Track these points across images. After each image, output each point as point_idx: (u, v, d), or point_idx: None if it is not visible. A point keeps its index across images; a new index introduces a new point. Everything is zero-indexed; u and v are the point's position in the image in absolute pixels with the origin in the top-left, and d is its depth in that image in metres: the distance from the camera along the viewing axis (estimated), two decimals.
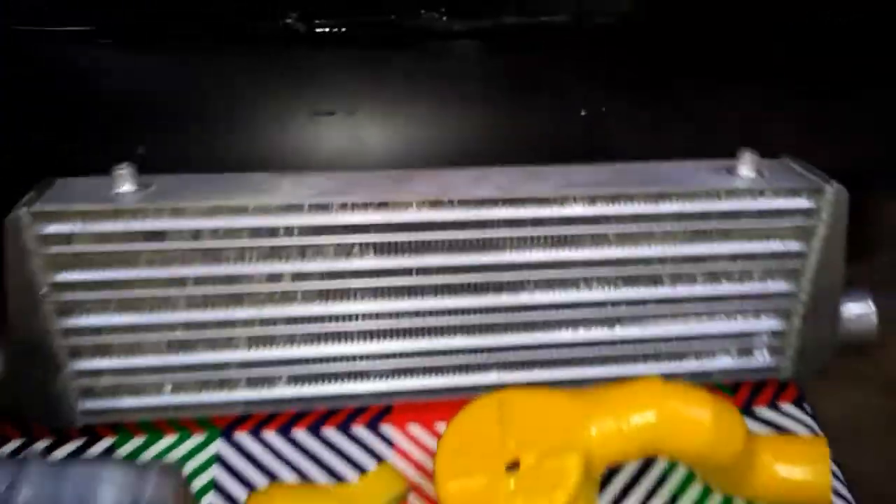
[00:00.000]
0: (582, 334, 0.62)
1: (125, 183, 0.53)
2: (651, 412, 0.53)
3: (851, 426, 0.66)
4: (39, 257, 0.52)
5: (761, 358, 0.64)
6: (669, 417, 0.53)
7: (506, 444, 0.53)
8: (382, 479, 0.55)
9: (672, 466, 0.61)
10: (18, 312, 0.54)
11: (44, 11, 0.61)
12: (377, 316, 0.59)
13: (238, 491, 0.58)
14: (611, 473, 0.61)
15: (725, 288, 0.61)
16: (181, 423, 0.63)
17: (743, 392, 0.67)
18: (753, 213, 0.58)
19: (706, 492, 0.60)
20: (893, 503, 0.61)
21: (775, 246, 0.59)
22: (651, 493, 0.59)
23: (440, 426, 0.63)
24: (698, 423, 0.53)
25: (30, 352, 0.55)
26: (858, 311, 0.64)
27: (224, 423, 0.63)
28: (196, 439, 0.62)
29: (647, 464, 0.61)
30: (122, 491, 0.44)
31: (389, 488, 0.55)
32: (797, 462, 0.57)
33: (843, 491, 0.60)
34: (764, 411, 0.66)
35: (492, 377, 0.62)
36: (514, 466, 0.53)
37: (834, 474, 0.61)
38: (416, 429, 0.63)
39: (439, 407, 0.63)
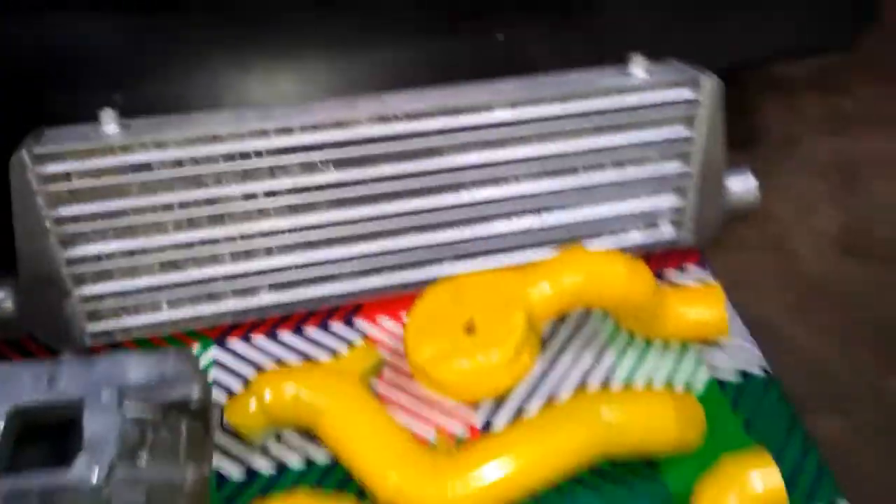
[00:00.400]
0: (515, 224, 0.73)
1: (110, 124, 0.61)
2: (577, 271, 0.65)
3: (744, 279, 0.80)
4: (41, 195, 0.60)
5: (665, 231, 0.77)
6: (592, 274, 0.65)
7: (461, 314, 0.64)
8: (360, 353, 0.66)
9: (604, 322, 0.73)
10: (26, 247, 0.61)
11: None
12: (342, 223, 0.69)
13: (237, 387, 0.68)
14: (553, 330, 0.73)
15: (630, 172, 0.73)
16: (177, 337, 0.72)
17: (653, 261, 0.79)
18: (647, 105, 0.70)
19: (630, 340, 0.72)
20: (783, 336, 0.76)
21: (667, 133, 0.71)
22: (586, 344, 0.72)
23: (405, 316, 0.74)
24: (615, 275, 0.65)
25: (39, 282, 0.63)
26: (741, 184, 0.78)
27: (216, 333, 0.72)
28: (193, 350, 0.71)
29: (585, 318, 0.73)
30: (148, 369, 0.53)
31: (367, 359, 0.65)
32: (698, 304, 0.70)
33: (744, 331, 0.73)
34: (672, 274, 0.79)
35: (445, 269, 0.73)
36: (470, 330, 0.64)
37: (737, 320, 0.74)
38: (385, 321, 0.74)
39: (403, 300, 0.73)
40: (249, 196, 0.65)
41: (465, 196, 0.70)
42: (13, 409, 0.50)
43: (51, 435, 0.53)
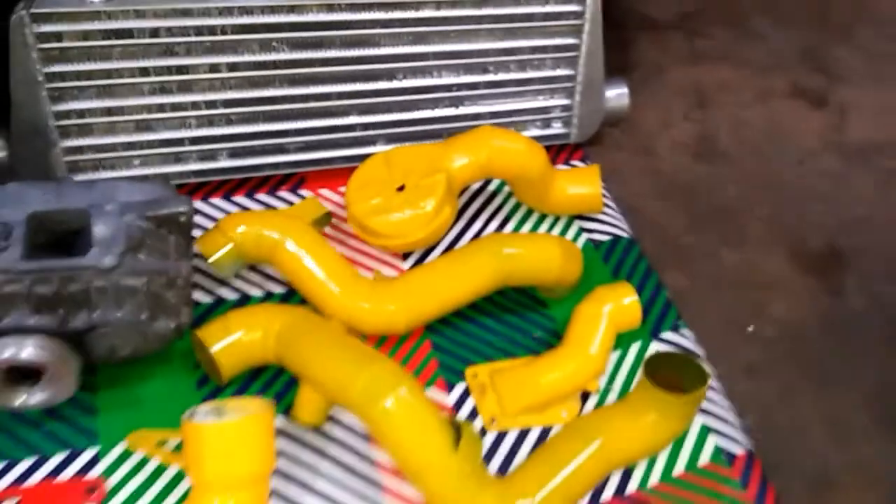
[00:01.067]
0: (437, 112, 0.87)
1: None
2: (487, 145, 0.80)
3: (617, 172, 0.98)
4: (36, 52, 0.69)
5: (556, 127, 0.94)
6: (498, 148, 0.81)
7: (393, 177, 0.79)
8: (309, 204, 0.79)
9: (507, 199, 0.89)
10: (20, 98, 0.70)
11: None
12: (293, 100, 0.81)
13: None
14: (467, 203, 0.88)
15: (530, 74, 0.89)
16: None
17: (549, 152, 0.95)
18: (542, 15, 0.86)
19: (527, 213, 0.88)
20: (644, 213, 0.94)
21: (558, 41, 0.88)
22: (492, 215, 0.88)
23: (343, 188, 0.86)
24: (515, 148, 0.81)
25: (29, 132, 0.72)
26: (616, 91, 0.96)
27: (181, 193, 0.82)
28: None
29: (492, 196, 0.89)
30: (141, 191, 0.64)
31: (316, 210, 0.78)
32: (578, 180, 0.88)
33: (615, 207, 0.91)
34: (561, 166, 0.96)
35: (378, 149, 0.87)
36: (400, 189, 0.78)
37: (609, 200, 0.92)
38: (326, 192, 0.87)
39: (342, 174, 0.85)
40: (214, 68, 0.76)
41: (397, 84, 0.84)
42: (30, 214, 0.61)
43: (58, 248, 0.63)
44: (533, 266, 0.76)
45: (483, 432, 0.70)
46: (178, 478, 0.63)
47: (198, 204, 0.83)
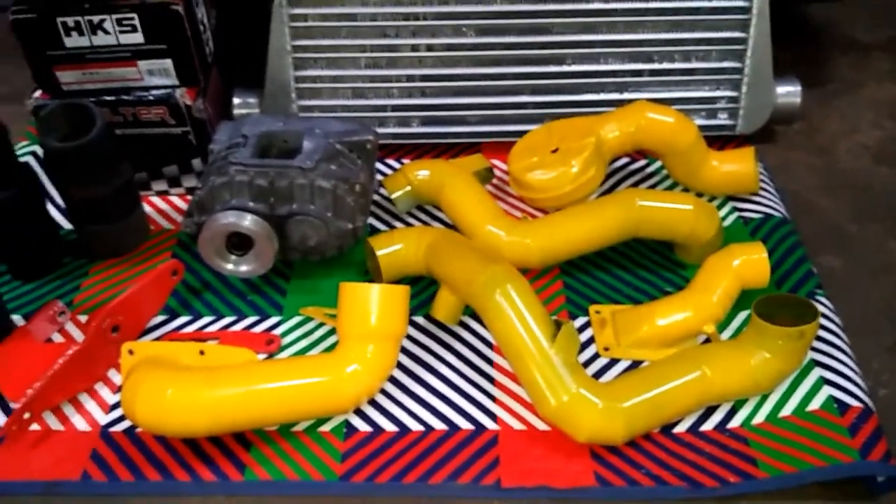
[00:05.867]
0: (602, 97, 0.98)
1: None
2: (638, 117, 0.88)
3: (785, 167, 0.99)
4: (288, 28, 0.92)
5: (722, 118, 0.98)
6: (649, 119, 0.88)
7: (550, 143, 0.90)
8: (475, 159, 0.93)
9: (663, 180, 0.96)
10: (273, 63, 0.94)
11: None
12: (476, 78, 0.97)
13: None
14: (622, 179, 0.96)
15: (695, 65, 0.96)
16: None
17: (714, 145, 0.99)
18: (708, 9, 0.93)
19: (673, 185, 0.94)
20: (808, 203, 0.95)
21: (725, 34, 0.94)
22: (642, 179, 0.95)
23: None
24: (664, 120, 0.88)
25: (276, 92, 0.95)
26: (787, 88, 0.98)
27: (380, 155, 1.00)
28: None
29: (649, 176, 0.97)
30: (343, 125, 0.83)
31: (480, 164, 0.92)
32: (733, 160, 0.91)
33: (774, 195, 0.93)
34: None
35: None
36: (555, 151, 0.89)
37: (768, 183, 0.94)
38: (497, 161, 1.00)
39: (511, 147, 0.98)
40: (415, 48, 0.95)
41: (566, 68, 0.96)
42: (262, 132, 0.82)
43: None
44: (665, 217, 0.82)
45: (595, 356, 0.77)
46: (331, 340, 0.78)
47: (393, 163, 1.01)
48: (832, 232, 0.91)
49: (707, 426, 0.70)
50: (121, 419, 0.72)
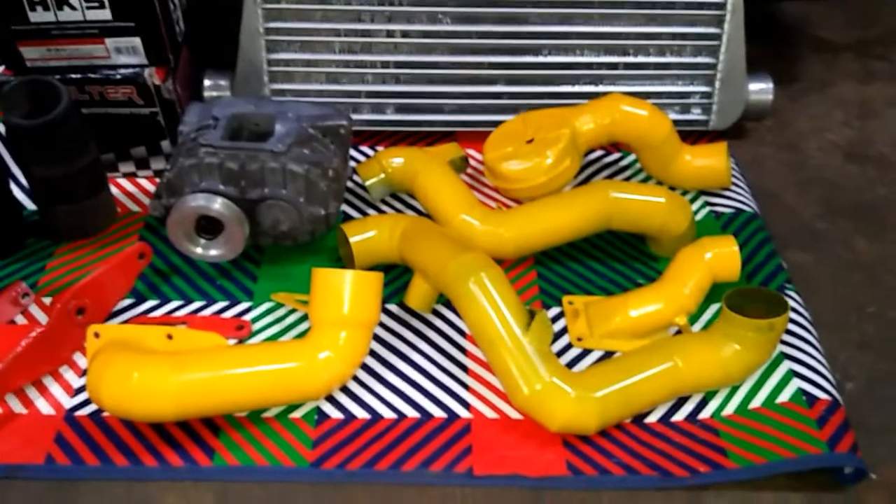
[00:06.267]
0: (577, 88, 0.98)
1: None
2: (612, 109, 0.89)
3: (757, 164, 1.00)
4: (261, 10, 0.91)
5: (695, 113, 0.99)
6: (623, 112, 0.88)
7: (526, 133, 0.90)
8: (449, 147, 0.92)
9: (636, 173, 0.97)
10: (245, 46, 0.93)
11: None
12: (452, 66, 0.96)
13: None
14: (595, 172, 0.97)
15: (669, 59, 0.97)
16: None
17: (687, 140, 1.00)
18: (683, 4, 0.93)
19: (646, 178, 0.95)
20: (779, 201, 0.96)
21: (699, 30, 0.95)
22: (616, 172, 0.96)
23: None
24: (639, 113, 0.88)
25: (248, 75, 0.94)
26: (760, 85, 0.99)
27: (353, 141, 1.00)
28: None
29: (622, 169, 0.98)
30: (317, 109, 0.81)
31: (454, 152, 0.92)
32: (705, 154, 0.92)
33: (745, 190, 0.94)
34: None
35: None
36: (530, 142, 0.88)
37: (740, 179, 0.95)
38: (472, 151, 0.99)
39: (485, 138, 0.98)
40: (390, 34, 0.94)
41: (542, 59, 0.96)
42: (233, 114, 0.80)
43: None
44: (638, 209, 0.82)
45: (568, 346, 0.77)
46: (303, 327, 0.78)
47: (366, 150, 1.00)
48: (801, 228, 0.93)
49: (678, 417, 0.71)
50: (86, 403, 0.70)
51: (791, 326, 0.77)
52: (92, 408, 0.70)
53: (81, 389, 0.72)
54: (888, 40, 1.24)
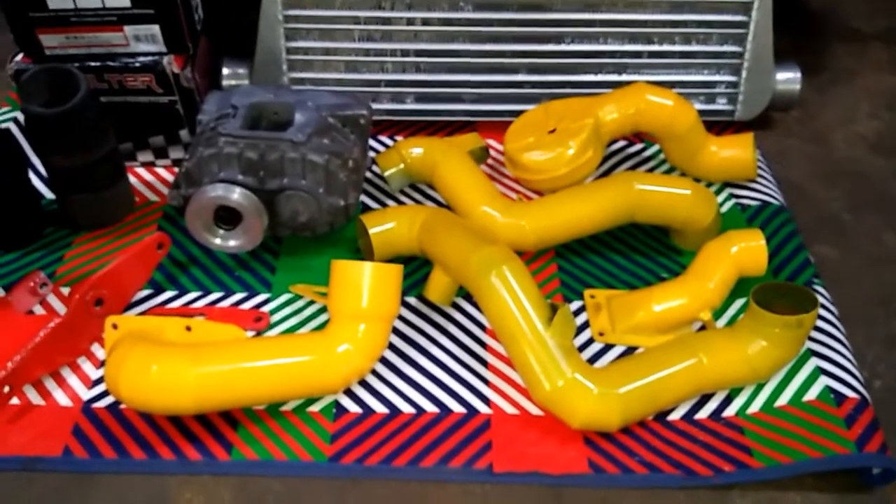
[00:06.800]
0: (601, 77, 0.96)
1: None
2: (637, 98, 0.87)
3: (782, 155, 0.98)
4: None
5: (721, 103, 0.97)
6: (647, 101, 0.87)
7: (548, 123, 0.88)
8: (470, 138, 0.91)
9: (660, 164, 0.95)
10: (265, 34, 0.92)
11: None
12: (473, 55, 0.95)
13: None
14: (619, 163, 0.95)
15: (695, 48, 0.94)
16: None
17: (712, 131, 0.98)
18: None
19: (670, 169, 0.93)
20: (804, 192, 0.94)
21: (726, 17, 0.93)
22: (639, 163, 0.94)
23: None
24: (664, 103, 0.86)
25: (267, 62, 0.93)
26: (787, 74, 0.97)
27: (373, 131, 0.99)
28: None
29: (646, 160, 0.96)
30: (337, 98, 0.80)
31: (474, 143, 0.91)
32: (731, 145, 0.90)
33: (772, 182, 0.92)
34: None
35: None
36: (552, 132, 0.87)
37: (765, 170, 0.93)
38: (492, 142, 0.98)
39: (507, 127, 0.97)
40: (410, 21, 0.92)
41: (564, 47, 0.94)
42: (253, 103, 0.79)
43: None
44: (663, 201, 0.81)
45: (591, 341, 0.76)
46: (321, 319, 0.77)
47: (386, 140, 0.99)
48: (828, 221, 0.91)
49: (702, 414, 0.70)
50: (104, 395, 0.70)
51: (819, 322, 0.75)
52: (110, 400, 0.70)
53: (99, 381, 0.71)
54: None
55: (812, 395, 0.69)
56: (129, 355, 0.65)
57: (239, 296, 0.80)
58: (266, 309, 0.78)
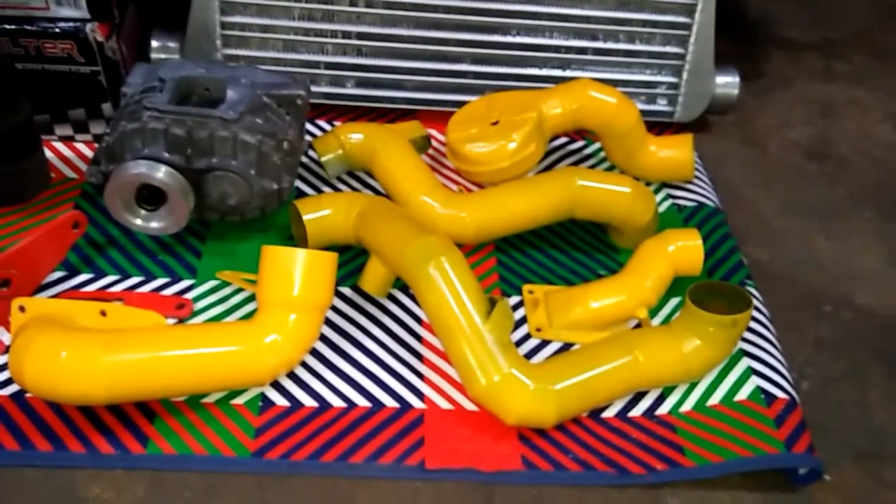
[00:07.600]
0: (544, 72, 0.95)
1: None
2: (580, 95, 0.86)
3: (719, 158, 1.00)
4: None
5: (661, 104, 0.98)
6: (591, 98, 0.86)
7: (491, 115, 0.87)
8: (411, 125, 0.89)
9: (600, 162, 0.95)
10: (198, 6, 0.87)
11: None
12: (416, 41, 0.92)
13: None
14: (559, 159, 0.94)
15: (638, 47, 0.95)
16: None
17: (651, 131, 0.98)
18: None
19: (610, 167, 0.93)
20: (739, 195, 0.95)
21: (670, 18, 0.93)
22: (580, 160, 0.94)
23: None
24: (607, 100, 0.86)
25: (200, 37, 0.88)
26: (726, 78, 0.98)
27: (310, 115, 0.95)
28: None
29: (586, 157, 0.95)
30: (272, 77, 0.77)
31: (416, 131, 0.88)
32: (670, 146, 0.91)
33: (708, 184, 0.93)
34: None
35: None
36: (495, 124, 0.86)
37: (702, 172, 0.94)
38: (434, 132, 0.96)
39: (447, 118, 0.94)
40: (353, 2, 0.89)
41: (510, 39, 0.93)
42: (182, 77, 0.75)
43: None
44: (603, 198, 0.80)
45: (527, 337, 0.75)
46: (249, 308, 0.73)
47: (323, 124, 0.96)
48: (761, 224, 0.92)
49: (635, 412, 0.69)
50: (7, 382, 0.65)
51: (751, 324, 0.76)
52: (13, 388, 0.65)
53: (2, 368, 0.66)
54: (852, 42, 1.25)
55: (743, 394, 0.70)
56: (36, 340, 0.60)
57: (161, 281, 0.75)
58: (190, 296, 0.74)
